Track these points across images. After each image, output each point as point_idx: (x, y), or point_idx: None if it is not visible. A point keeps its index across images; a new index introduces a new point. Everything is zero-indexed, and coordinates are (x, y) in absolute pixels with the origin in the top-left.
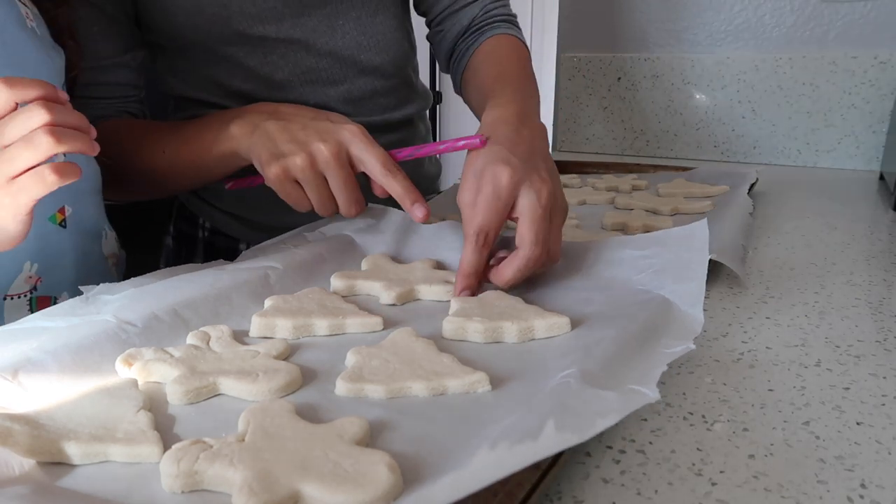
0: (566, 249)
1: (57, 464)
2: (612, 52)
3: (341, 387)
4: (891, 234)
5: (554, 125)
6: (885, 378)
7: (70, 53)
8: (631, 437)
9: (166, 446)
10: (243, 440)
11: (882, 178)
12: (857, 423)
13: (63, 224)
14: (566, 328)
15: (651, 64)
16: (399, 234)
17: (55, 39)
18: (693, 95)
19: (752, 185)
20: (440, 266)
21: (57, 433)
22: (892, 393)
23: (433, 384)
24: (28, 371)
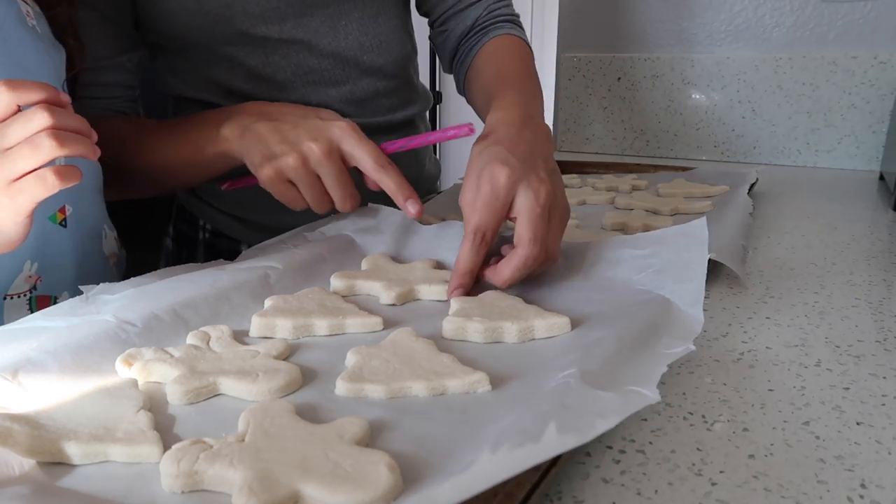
0: (566, 249)
1: (57, 464)
2: (612, 52)
3: (341, 387)
4: (891, 234)
5: (554, 125)
6: (885, 378)
7: (71, 52)
8: (631, 437)
9: (166, 446)
10: (243, 440)
11: (882, 178)
12: (857, 423)
13: (63, 223)
14: (566, 328)
15: (651, 64)
16: (399, 234)
17: (56, 37)
18: (693, 95)
19: (752, 185)
20: (440, 266)
21: (57, 433)
22: (892, 393)
23: (433, 384)
24: (28, 371)
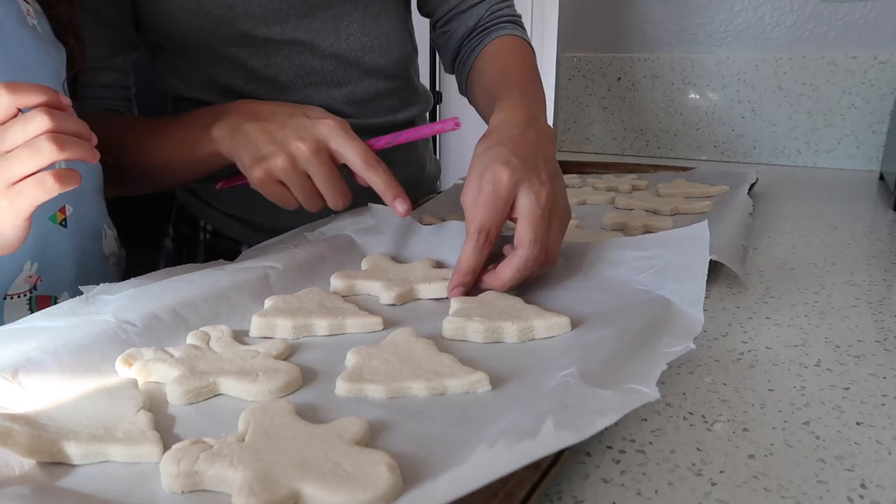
0: (566, 249)
1: (57, 464)
2: (612, 52)
3: (341, 387)
4: (891, 234)
5: (554, 125)
6: (885, 378)
7: (71, 51)
8: (631, 437)
9: (166, 446)
10: (243, 440)
11: (882, 178)
12: (857, 423)
13: (63, 223)
14: (566, 328)
15: (651, 64)
16: (399, 234)
17: (56, 37)
18: (693, 95)
19: (752, 185)
20: (440, 266)
21: (57, 433)
22: (892, 393)
23: (433, 384)
24: (28, 371)
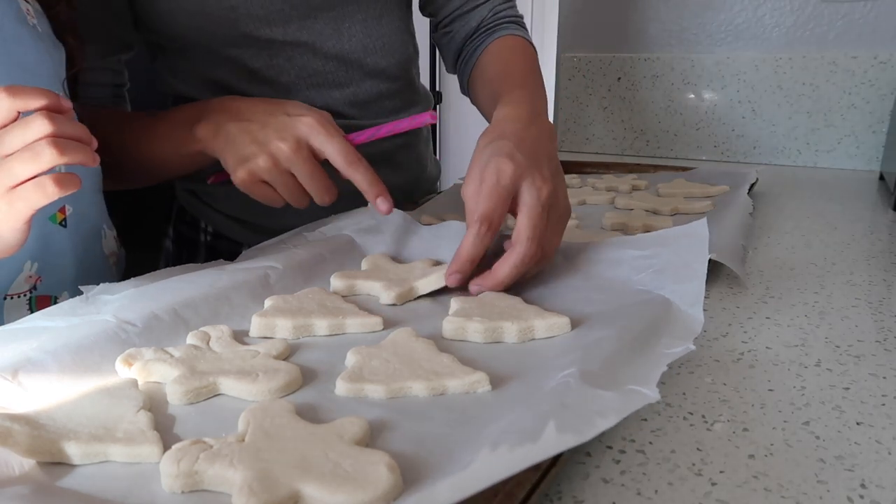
0: (566, 249)
1: (57, 464)
2: (612, 52)
3: (341, 387)
4: (891, 234)
5: (554, 125)
6: (885, 378)
7: (71, 50)
8: (631, 437)
9: (166, 446)
10: (243, 440)
11: (882, 178)
12: (857, 423)
13: (63, 223)
14: (566, 328)
15: (651, 64)
16: (399, 234)
17: (56, 36)
18: (693, 95)
19: (752, 185)
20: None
21: (57, 433)
22: (892, 393)
23: (433, 384)
24: (28, 371)
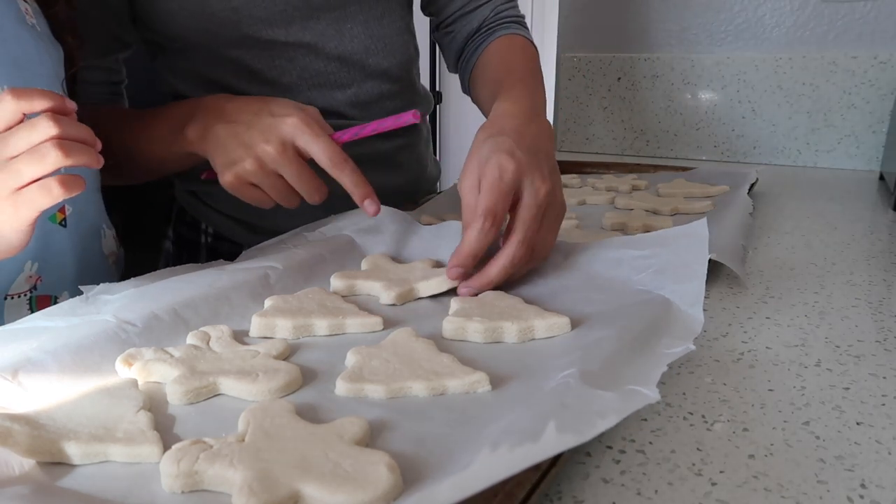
0: (566, 249)
1: (57, 464)
2: (612, 52)
3: (341, 387)
4: (891, 234)
5: (554, 125)
6: (885, 378)
7: (69, 49)
8: (631, 437)
9: (166, 446)
10: (243, 440)
11: (882, 178)
12: (857, 423)
13: (63, 223)
14: (566, 328)
15: (651, 64)
16: (399, 234)
17: (55, 35)
18: (693, 95)
19: (752, 185)
20: (440, 266)
21: (57, 433)
22: (892, 393)
23: (433, 384)
24: (28, 371)
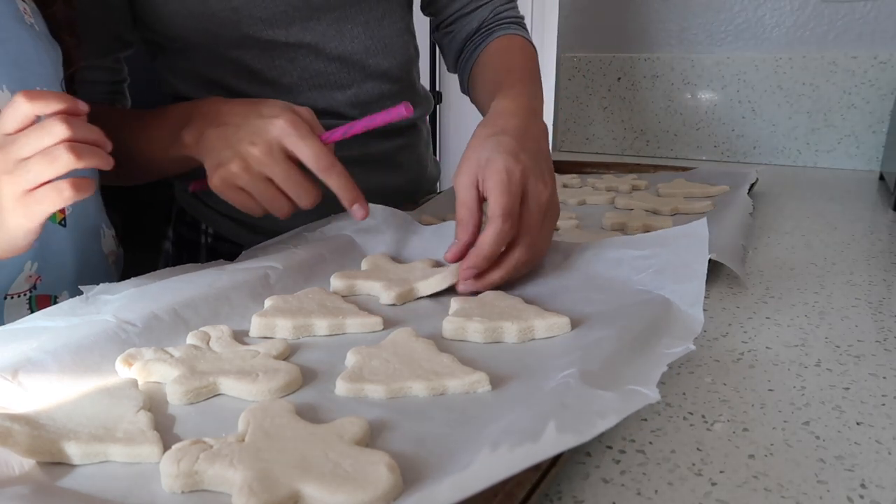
0: (566, 249)
1: (57, 464)
2: (612, 52)
3: (341, 387)
4: (891, 234)
5: (554, 125)
6: (885, 378)
7: (68, 49)
8: (631, 437)
9: (166, 446)
10: (243, 440)
11: (882, 178)
12: (857, 423)
13: (63, 223)
14: (566, 328)
15: (651, 64)
16: (399, 234)
17: (53, 35)
18: (693, 95)
19: (752, 185)
20: (440, 266)
21: (57, 433)
22: (892, 393)
23: (433, 384)
24: (28, 371)
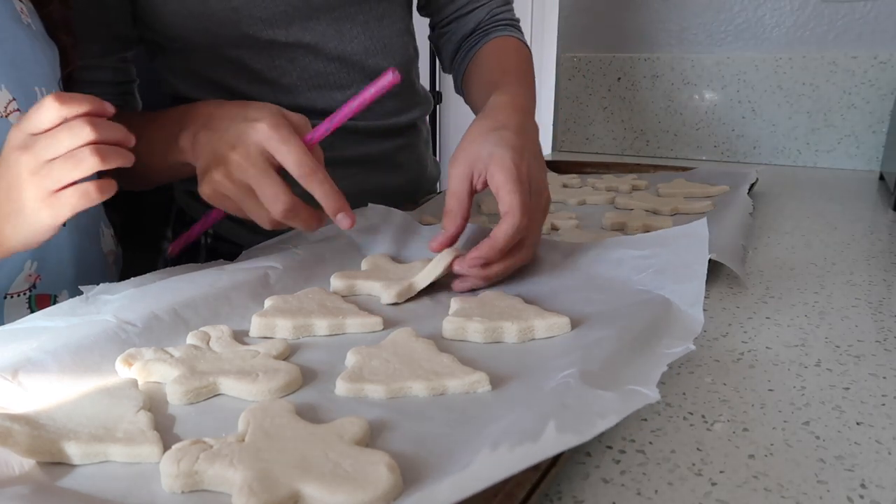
0: (566, 249)
1: (57, 464)
2: (612, 52)
3: (341, 387)
4: (891, 234)
5: (554, 125)
6: (885, 378)
7: (64, 48)
8: (631, 437)
9: (166, 446)
10: (243, 440)
11: (882, 178)
12: (857, 423)
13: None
14: (566, 328)
15: (651, 64)
16: (399, 234)
17: (49, 35)
18: (693, 95)
19: (752, 185)
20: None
21: (57, 433)
22: (892, 393)
23: (433, 384)
24: (28, 371)
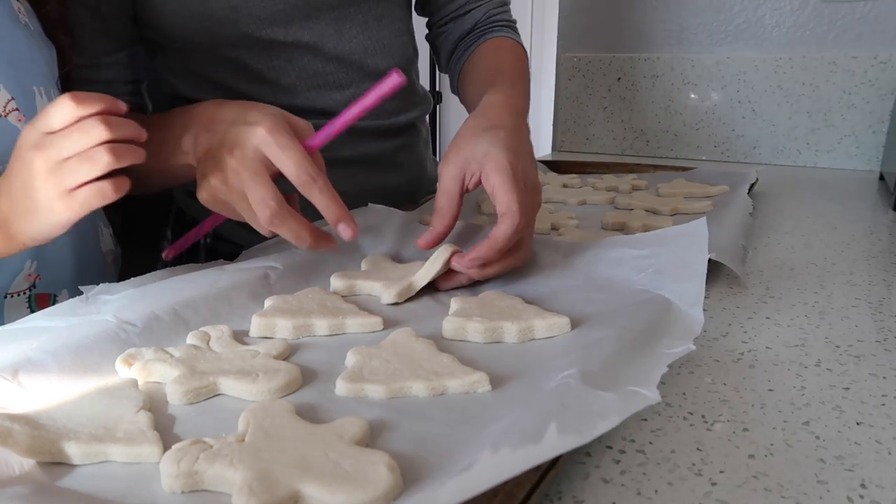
0: (567, 249)
1: (57, 464)
2: (612, 52)
3: (341, 387)
4: (891, 234)
5: (554, 125)
6: (885, 378)
7: (62, 48)
8: (631, 437)
9: (166, 446)
10: (243, 440)
11: (882, 178)
12: (857, 423)
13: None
14: (566, 328)
15: (651, 64)
16: (399, 234)
17: (46, 34)
18: (693, 95)
19: (752, 185)
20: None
21: (57, 433)
22: (892, 393)
23: (433, 384)
24: (28, 371)
